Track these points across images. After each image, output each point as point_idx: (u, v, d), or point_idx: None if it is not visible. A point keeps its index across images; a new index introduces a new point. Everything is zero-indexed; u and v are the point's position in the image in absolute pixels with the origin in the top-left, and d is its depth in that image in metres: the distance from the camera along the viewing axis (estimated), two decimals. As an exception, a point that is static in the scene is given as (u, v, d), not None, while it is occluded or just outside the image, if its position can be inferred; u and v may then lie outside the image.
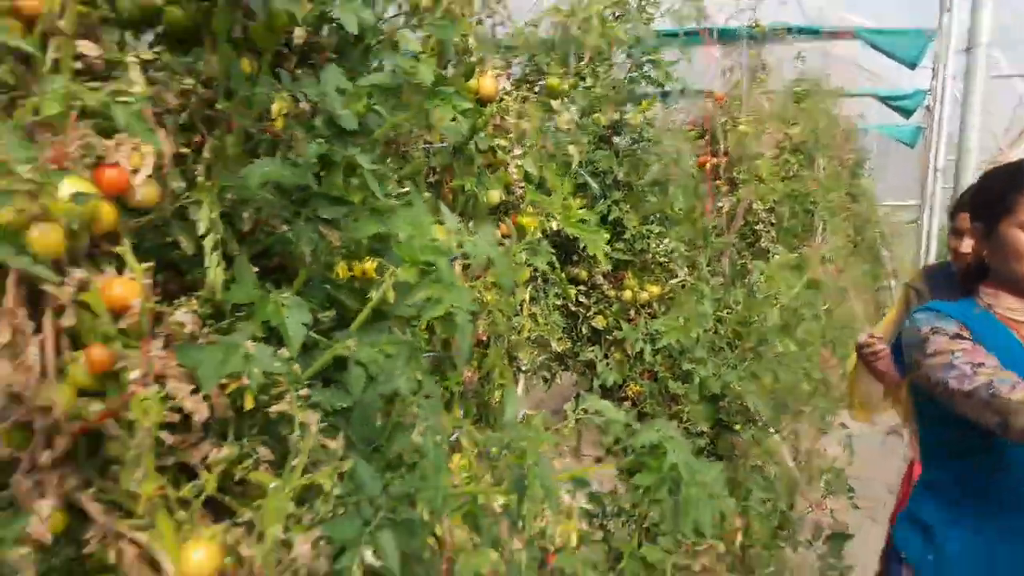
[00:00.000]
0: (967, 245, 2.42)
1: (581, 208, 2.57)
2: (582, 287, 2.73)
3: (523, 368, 2.15)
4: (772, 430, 2.72)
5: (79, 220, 0.90)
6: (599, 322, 2.71)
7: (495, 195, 1.75)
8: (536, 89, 2.09)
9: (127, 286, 0.98)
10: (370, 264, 1.08)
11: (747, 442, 2.81)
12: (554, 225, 1.66)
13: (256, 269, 1.13)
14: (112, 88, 0.96)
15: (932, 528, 1.78)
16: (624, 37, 2.03)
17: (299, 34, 1.19)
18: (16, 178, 0.79)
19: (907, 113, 9.16)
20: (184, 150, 1.12)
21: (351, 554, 0.91)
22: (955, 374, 1.57)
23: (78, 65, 0.97)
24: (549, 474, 1.00)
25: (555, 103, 1.82)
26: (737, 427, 2.76)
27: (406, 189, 1.16)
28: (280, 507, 0.94)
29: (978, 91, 3.13)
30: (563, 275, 1.92)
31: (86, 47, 0.96)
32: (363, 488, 0.98)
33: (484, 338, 1.98)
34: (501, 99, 1.67)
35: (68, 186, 0.86)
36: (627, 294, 2.71)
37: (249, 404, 0.98)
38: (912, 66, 7.98)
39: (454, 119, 1.14)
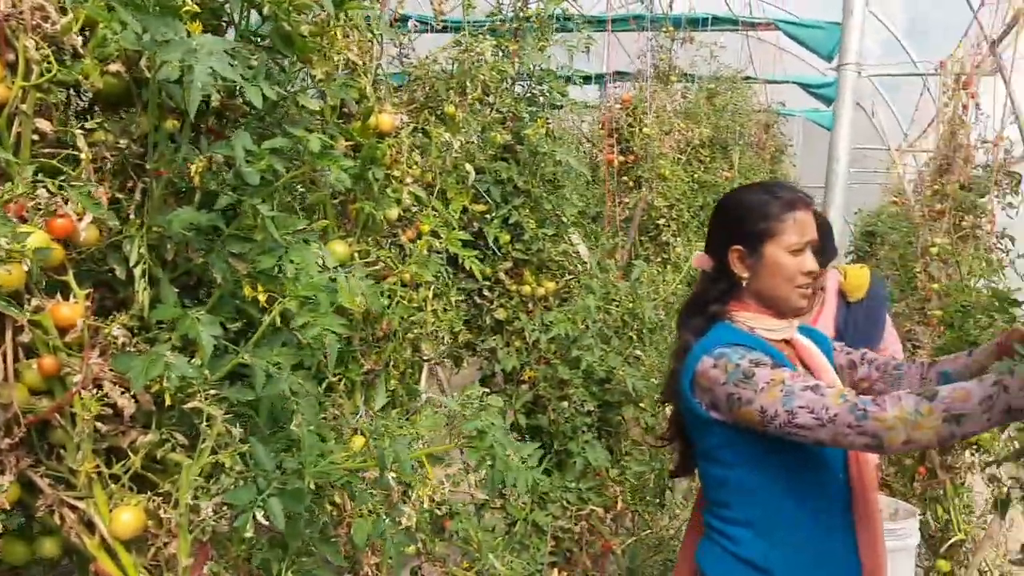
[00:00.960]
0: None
1: (484, 213, 2.90)
2: (486, 282, 3.04)
3: (425, 358, 2.44)
4: (649, 410, 3.08)
5: (37, 262, 1.17)
6: (501, 314, 3.02)
7: (393, 213, 2.04)
8: (439, 112, 2.38)
9: (72, 308, 1.26)
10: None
11: (629, 420, 3.18)
12: (437, 244, 1.96)
13: (177, 289, 1.42)
14: (63, 154, 1.24)
15: (771, 571, 1.72)
16: (512, 72, 2.32)
17: (215, 99, 1.46)
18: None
19: (828, 101, 9.41)
20: (118, 194, 1.39)
21: (245, 516, 1.21)
22: (799, 404, 1.52)
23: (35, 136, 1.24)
24: (404, 452, 1.31)
25: (447, 134, 2.10)
26: (621, 407, 3.12)
27: (304, 227, 1.44)
28: (191, 480, 1.23)
29: (846, 114, 3.48)
30: (450, 282, 2.21)
31: (42, 124, 1.22)
32: (260, 465, 1.28)
33: (386, 331, 2.28)
34: (397, 134, 1.96)
35: (34, 240, 1.13)
36: (526, 289, 3.01)
37: (168, 401, 1.27)
38: (828, 58, 8.28)
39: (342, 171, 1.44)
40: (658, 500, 3.38)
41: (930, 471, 3.24)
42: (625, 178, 4.46)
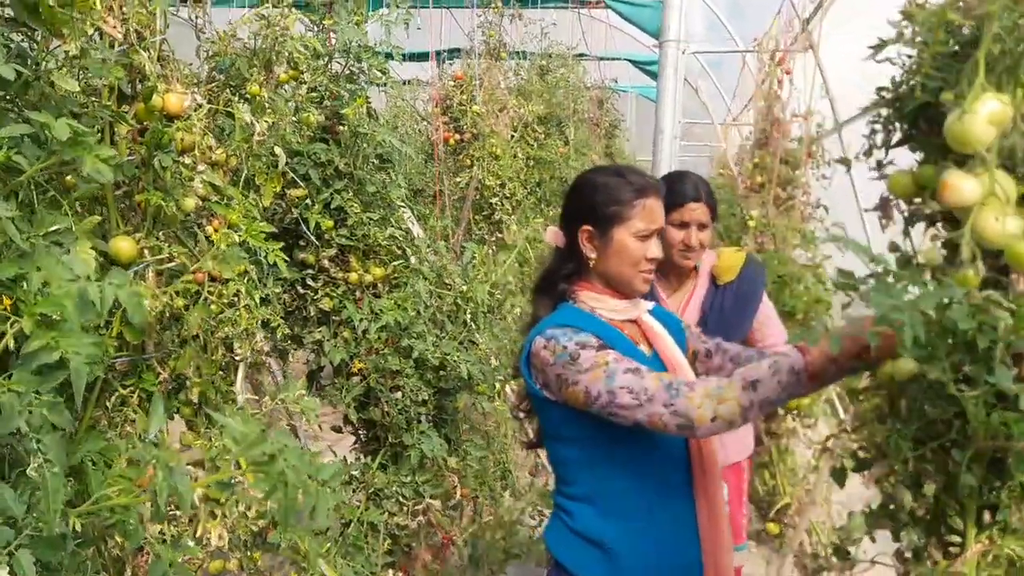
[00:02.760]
0: (696, 237, 2.41)
1: (303, 199, 2.72)
2: (310, 271, 2.86)
3: (239, 358, 2.25)
4: (486, 394, 3.02)
5: None
6: (326, 303, 2.86)
7: (190, 203, 1.84)
8: (242, 92, 2.18)
9: None
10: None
11: (466, 407, 3.11)
12: (236, 237, 1.78)
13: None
14: None
15: (605, 544, 1.74)
16: (321, 47, 2.15)
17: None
18: None
19: (657, 77, 9.61)
20: None
21: (-16, 575, 1.02)
22: (620, 384, 1.56)
23: None
24: (184, 484, 1.15)
25: (247, 112, 1.91)
26: (457, 394, 3.04)
27: (58, 227, 1.24)
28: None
29: (669, 88, 3.53)
30: (266, 274, 2.04)
31: None
32: (5, 512, 1.09)
33: (197, 334, 2.07)
34: (188, 116, 1.76)
35: None
36: (353, 276, 2.86)
37: None
38: (655, 36, 8.45)
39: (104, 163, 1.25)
40: (501, 484, 3.34)
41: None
42: (460, 156, 4.36)
